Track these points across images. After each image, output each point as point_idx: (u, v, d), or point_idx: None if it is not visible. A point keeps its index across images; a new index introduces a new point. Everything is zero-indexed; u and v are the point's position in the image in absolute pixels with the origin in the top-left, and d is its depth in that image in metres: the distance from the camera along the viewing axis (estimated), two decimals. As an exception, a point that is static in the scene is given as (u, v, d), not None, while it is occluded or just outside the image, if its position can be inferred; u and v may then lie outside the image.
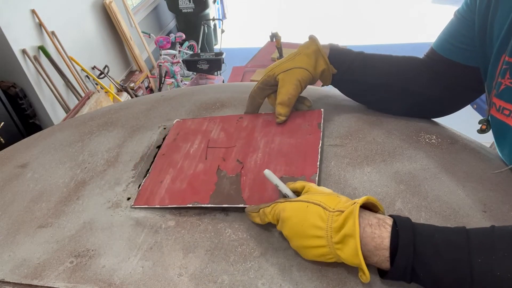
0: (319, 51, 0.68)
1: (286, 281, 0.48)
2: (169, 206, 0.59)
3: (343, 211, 0.43)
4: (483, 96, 0.65)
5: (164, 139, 0.75)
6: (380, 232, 0.42)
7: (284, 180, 0.57)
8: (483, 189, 0.57)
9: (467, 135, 0.70)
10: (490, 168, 0.61)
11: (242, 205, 0.56)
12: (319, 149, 0.62)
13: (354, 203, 0.43)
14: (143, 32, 3.88)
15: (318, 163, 0.60)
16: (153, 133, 0.78)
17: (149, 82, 3.76)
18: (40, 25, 2.69)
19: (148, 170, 0.67)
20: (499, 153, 0.64)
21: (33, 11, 2.63)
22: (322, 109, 0.71)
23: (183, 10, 4.16)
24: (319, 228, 0.44)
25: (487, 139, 0.68)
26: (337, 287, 0.47)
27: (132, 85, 3.48)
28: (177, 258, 0.53)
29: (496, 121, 0.59)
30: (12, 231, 0.61)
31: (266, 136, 0.68)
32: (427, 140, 0.67)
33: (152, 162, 0.70)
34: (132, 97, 3.29)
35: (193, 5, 4.11)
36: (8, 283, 0.53)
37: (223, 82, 3.31)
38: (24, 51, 2.55)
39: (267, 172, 0.53)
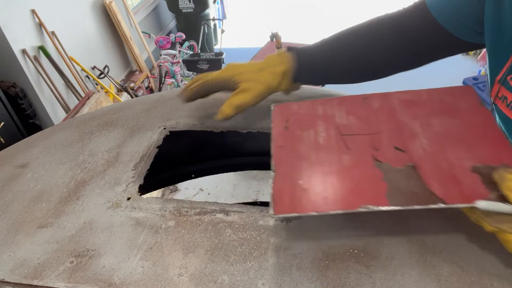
0: (287, 72, 0.67)
1: (286, 281, 0.48)
2: (329, 212, 0.46)
3: None
4: (483, 95, 0.64)
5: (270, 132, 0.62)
6: None
7: (481, 170, 0.46)
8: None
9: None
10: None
11: (442, 205, 0.44)
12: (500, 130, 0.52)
13: None
14: (143, 32, 3.88)
15: None
16: (153, 133, 0.78)
17: (149, 82, 3.76)
18: (40, 25, 2.69)
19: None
20: None
21: (33, 11, 2.63)
22: (471, 85, 0.61)
23: (183, 10, 4.16)
24: None
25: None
26: (337, 287, 0.47)
27: (132, 85, 3.48)
28: (177, 258, 0.53)
29: (504, 117, 0.58)
30: (12, 231, 0.61)
31: (416, 118, 0.57)
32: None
33: (152, 161, 0.70)
34: (132, 97, 3.29)
35: (193, 5, 4.11)
36: (8, 283, 0.53)
37: (223, 82, 3.31)
38: (24, 51, 2.55)
39: (483, 204, 0.41)
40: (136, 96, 3.40)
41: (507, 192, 0.41)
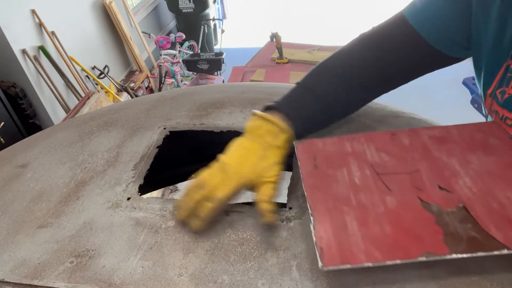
0: (288, 139, 0.60)
1: (286, 281, 0.48)
2: (388, 263, 0.43)
3: None
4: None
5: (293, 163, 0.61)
6: None
7: None
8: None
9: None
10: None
11: (507, 251, 0.42)
12: None
13: None
14: (143, 32, 3.88)
15: None
16: (153, 133, 0.78)
17: (149, 82, 3.76)
18: (40, 25, 2.68)
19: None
20: None
21: (33, 11, 2.63)
22: (494, 121, 0.60)
23: (183, 10, 4.16)
24: None
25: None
26: (337, 287, 0.47)
27: (132, 85, 3.48)
28: (177, 258, 0.53)
29: None
30: (12, 231, 0.61)
31: (452, 155, 0.55)
32: (427, 140, 0.67)
33: (152, 162, 0.70)
34: (132, 97, 3.28)
35: (193, 5, 4.11)
36: (8, 283, 0.53)
37: (223, 82, 3.31)
38: (24, 51, 2.55)
39: None
40: (136, 96, 3.40)
41: None
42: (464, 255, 0.42)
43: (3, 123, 2.36)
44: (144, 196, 0.64)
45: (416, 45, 0.60)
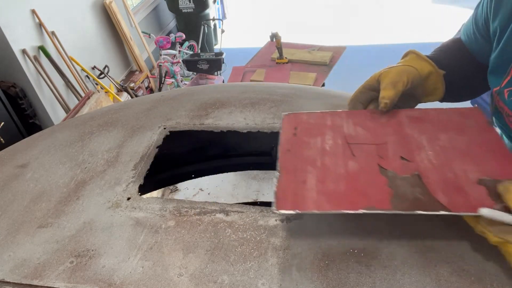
0: (420, 56, 0.65)
1: (286, 281, 0.48)
2: (332, 211, 0.49)
3: None
4: (484, 96, 0.66)
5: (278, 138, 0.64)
6: None
7: (487, 183, 0.48)
8: (483, 189, 0.57)
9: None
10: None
11: (443, 212, 0.45)
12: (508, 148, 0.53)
13: None
14: (143, 32, 3.88)
15: None
16: (153, 133, 0.78)
17: (149, 82, 3.76)
18: (40, 25, 2.68)
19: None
20: None
21: (33, 11, 2.63)
22: (476, 105, 0.63)
23: (183, 10, 4.16)
24: None
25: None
26: (337, 287, 0.47)
27: (132, 85, 3.48)
28: (177, 258, 0.53)
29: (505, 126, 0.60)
30: (12, 231, 0.61)
31: (423, 132, 0.59)
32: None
33: (152, 161, 0.70)
34: (132, 97, 3.28)
35: (193, 5, 4.11)
36: (8, 283, 0.53)
37: (223, 82, 3.31)
38: (24, 51, 2.55)
39: (486, 211, 0.43)
40: (136, 96, 3.40)
41: (507, 194, 0.42)
42: (403, 212, 0.46)
43: (3, 123, 2.36)
44: (144, 196, 0.64)
45: (462, 50, 0.68)
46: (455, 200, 0.46)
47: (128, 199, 0.63)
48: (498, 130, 0.65)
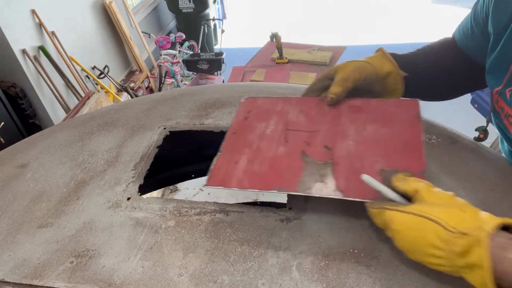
0: (385, 55, 0.66)
1: (286, 281, 0.48)
2: (249, 190, 0.55)
3: (465, 234, 0.38)
4: (484, 96, 0.65)
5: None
6: None
7: (386, 174, 0.52)
8: (483, 189, 0.57)
9: (467, 135, 0.70)
10: (490, 168, 0.61)
11: (337, 196, 0.51)
12: (423, 142, 0.57)
13: (483, 227, 0.38)
14: (143, 32, 3.88)
15: (424, 157, 0.54)
16: (153, 133, 0.78)
17: (149, 82, 3.75)
18: (40, 25, 2.68)
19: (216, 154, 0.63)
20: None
21: (33, 11, 2.63)
22: (417, 99, 0.66)
23: (183, 10, 4.15)
24: (437, 248, 0.40)
25: (488, 139, 0.68)
26: (337, 287, 0.47)
27: (132, 85, 3.48)
28: (177, 258, 0.53)
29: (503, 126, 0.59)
30: (12, 231, 0.61)
31: (355, 122, 0.63)
32: (427, 140, 0.67)
33: (153, 158, 0.70)
34: (132, 97, 3.28)
35: (193, 5, 4.10)
36: (8, 283, 0.53)
37: (223, 82, 3.31)
38: (24, 51, 2.55)
39: (366, 177, 0.48)
40: (136, 96, 3.40)
41: (396, 183, 0.47)
42: (301, 193, 0.53)
43: (3, 123, 2.36)
44: (144, 196, 0.64)
45: (452, 50, 0.67)
46: (351, 187, 0.52)
47: (128, 199, 0.63)
48: (497, 132, 0.65)
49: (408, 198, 0.46)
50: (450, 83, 0.70)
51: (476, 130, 0.64)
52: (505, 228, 0.39)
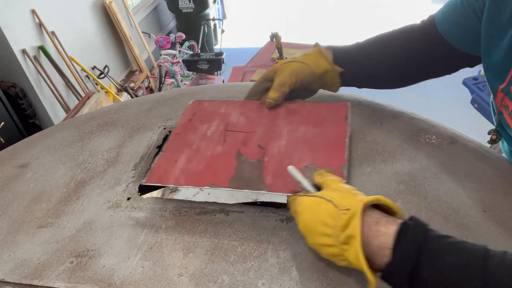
0: (321, 52, 0.69)
1: (286, 281, 0.48)
2: (184, 186, 0.59)
3: (348, 209, 0.42)
4: (484, 96, 0.65)
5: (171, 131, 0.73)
6: (386, 229, 0.40)
7: (308, 170, 0.56)
8: (483, 189, 0.57)
9: (467, 135, 0.70)
10: (490, 168, 0.61)
11: (263, 191, 0.55)
12: (347, 142, 0.61)
13: (360, 201, 0.42)
14: (143, 32, 3.88)
15: (346, 155, 0.59)
16: (153, 133, 0.78)
17: (149, 82, 3.75)
18: (40, 25, 2.68)
19: (159, 151, 0.66)
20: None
21: (33, 11, 2.62)
22: (348, 103, 0.70)
23: (183, 10, 4.15)
24: (327, 225, 0.42)
25: (487, 139, 0.68)
26: (337, 287, 0.47)
27: (132, 85, 3.47)
28: (177, 258, 0.53)
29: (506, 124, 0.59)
30: (12, 231, 0.61)
31: (289, 124, 0.67)
32: (427, 140, 0.67)
33: (155, 156, 0.70)
34: (132, 97, 3.28)
35: (193, 5, 4.10)
36: (8, 283, 0.53)
37: (223, 82, 3.31)
38: (24, 51, 2.54)
39: (291, 168, 0.52)
40: (136, 96, 3.40)
41: (315, 177, 0.51)
42: (233, 190, 0.56)
43: (3, 123, 2.36)
44: (144, 196, 0.64)
45: (441, 45, 0.66)
46: (277, 183, 0.55)
47: (128, 199, 0.63)
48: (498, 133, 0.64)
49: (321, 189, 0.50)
50: (393, 72, 0.72)
51: (488, 133, 0.64)
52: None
